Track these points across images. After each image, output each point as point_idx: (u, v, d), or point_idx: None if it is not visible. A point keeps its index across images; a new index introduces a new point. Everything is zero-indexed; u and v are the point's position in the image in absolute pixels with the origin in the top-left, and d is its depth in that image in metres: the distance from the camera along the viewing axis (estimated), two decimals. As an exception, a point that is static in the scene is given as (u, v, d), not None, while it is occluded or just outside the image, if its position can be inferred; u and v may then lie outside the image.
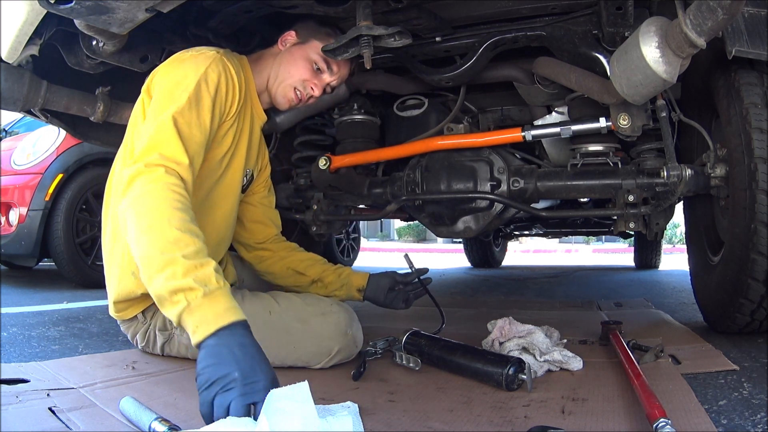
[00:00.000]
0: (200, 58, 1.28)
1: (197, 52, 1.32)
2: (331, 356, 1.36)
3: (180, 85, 1.22)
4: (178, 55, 1.33)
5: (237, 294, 1.42)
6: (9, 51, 1.46)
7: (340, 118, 2.18)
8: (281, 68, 1.49)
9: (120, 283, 1.34)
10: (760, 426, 0.98)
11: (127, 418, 0.96)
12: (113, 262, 1.36)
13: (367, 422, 0.98)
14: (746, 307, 1.60)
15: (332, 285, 1.65)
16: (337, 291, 1.65)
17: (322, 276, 1.66)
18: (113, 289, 1.37)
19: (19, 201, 3.38)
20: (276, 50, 1.54)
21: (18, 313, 2.38)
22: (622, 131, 1.64)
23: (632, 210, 1.77)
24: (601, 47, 1.56)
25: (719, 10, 1.08)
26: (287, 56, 1.50)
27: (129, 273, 1.32)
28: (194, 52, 1.31)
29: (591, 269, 6.27)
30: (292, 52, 1.51)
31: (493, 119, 2.25)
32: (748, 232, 1.52)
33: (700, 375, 1.31)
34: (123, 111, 1.88)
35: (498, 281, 4.51)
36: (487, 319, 1.54)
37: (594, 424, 0.98)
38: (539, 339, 1.38)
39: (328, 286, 1.65)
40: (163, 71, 1.29)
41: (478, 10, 1.61)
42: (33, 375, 1.23)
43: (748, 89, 1.52)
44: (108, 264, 1.39)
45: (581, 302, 2.80)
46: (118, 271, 1.34)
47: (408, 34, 1.47)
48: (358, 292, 1.67)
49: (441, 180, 1.99)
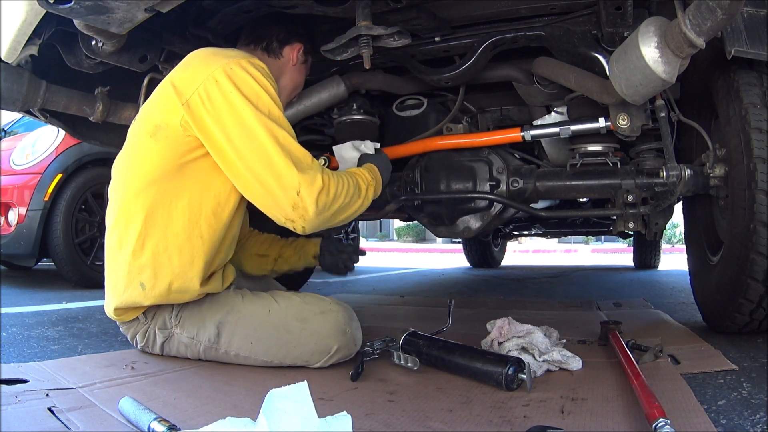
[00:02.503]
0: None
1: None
2: (330, 355, 1.37)
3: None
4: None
5: (237, 294, 1.43)
6: (8, 51, 1.46)
7: (339, 118, 2.17)
8: (289, 80, 1.63)
9: (125, 293, 1.34)
10: (759, 426, 0.98)
11: (126, 418, 0.96)
12: (118, 269, 1.35)
13: (367, 422, 0.98)
14: (745, 307, 1.61)
15: (291, 258, 1.82)
16: (296, 263, 1.82)
17: (281, 253, 1.83)
18: (116, 297, 1.37)
19: (19, 201, 3.37)
20: (284, 61, 1.59)
21: (17, 313, 2.38)
22: (621, 131, 1.64)
23: (631, 210, 1.77)
24: (600, 47, 1.56)
25: (718, 10, 1.08)
26: (296, 72, 1.64)
27: (137, 284, 1.32)
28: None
29: (590, 269, 6.28)
30: (300, 69, 1.65)
31: (492, 119, 2.25)
32: (747, 232, 1.52)
33: (700, 375, 1.31)
34: (122, 111, 1.88)
35: (497, 281, 4.51)
36: (486, 319, 1.54)
37: (593, 424, 0.98)
38: (538, 339, 1.38)
39: (288, 260, 1.81)
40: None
41: (478, 10, 1.61)
42: (32, 375, 1.23)
43: (747, 89, 1.52)
44: (112, 270, 1.38)
45: (580, 302, 2.80)
46: (124, 280, 1.34)
47: (407, 34, 1.47)
48: (314, 258, 1.84)
49: (440, 180, 1.99)
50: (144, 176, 1.32)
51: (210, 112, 1.27)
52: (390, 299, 3.08)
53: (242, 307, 1.39)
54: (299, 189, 1.26)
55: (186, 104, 1.28)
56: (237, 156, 1.27)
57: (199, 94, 1.28)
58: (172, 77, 1.34)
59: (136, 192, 1.32)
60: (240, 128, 1.26)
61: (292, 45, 1.60)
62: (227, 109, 1.26)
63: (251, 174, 1.27)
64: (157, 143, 1.31)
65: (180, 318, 1.38)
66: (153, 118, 1.33)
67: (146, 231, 1.31)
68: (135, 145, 1.38)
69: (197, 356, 1.41)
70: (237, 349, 1.37)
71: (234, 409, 1.05)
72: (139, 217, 1.31)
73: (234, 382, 1.25)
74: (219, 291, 1.40)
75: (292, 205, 1.27)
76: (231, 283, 1.47)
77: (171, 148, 1.31)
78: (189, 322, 1.38)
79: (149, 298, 1.33)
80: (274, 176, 1.26)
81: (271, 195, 1.27)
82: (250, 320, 1.37)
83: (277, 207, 1.28)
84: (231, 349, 1.37)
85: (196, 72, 1.31)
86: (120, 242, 1.35)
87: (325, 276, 4.83)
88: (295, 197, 1.26)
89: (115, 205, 1.37)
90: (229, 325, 1.37)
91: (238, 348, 1.37)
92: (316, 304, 1.42)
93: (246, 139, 1.26)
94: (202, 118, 1.27)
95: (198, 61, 1.34)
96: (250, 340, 1.36)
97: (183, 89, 1.30)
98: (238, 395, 1.15)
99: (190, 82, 1.30)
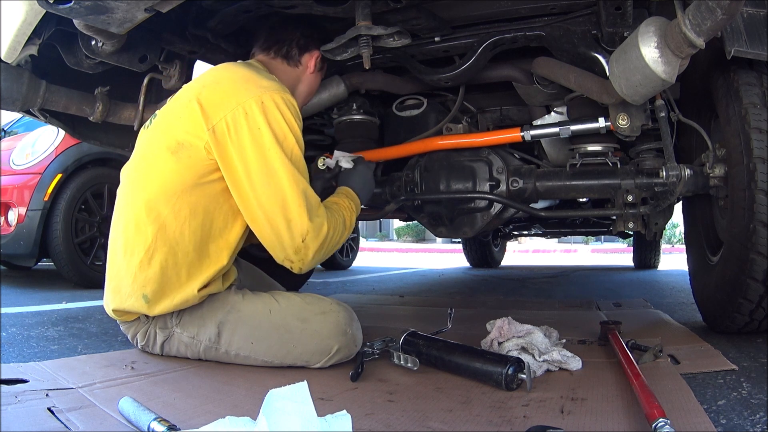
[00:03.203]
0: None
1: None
2: (330, 355, 1.37)
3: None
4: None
5: (237, 293, 1.42)
6: (8, 51, 1.46)
7: (339, 118, 2.17)
8: (305, 87, 1.64)
9: (127, 300, 1.35)
10: (759, 426, 0.98)
11: (126, 418, 0.95)
12: (122, 275, 1.35)
13: (366, 422, 0.98)
14: (745, 306, 1.60)
15: None
16: None
17: None
18: (116, 301, 1.37)
19: (18, 201, 3.37)
20: (301, 69, 1.60)
21: (17, 313, 2.38)
22: (621, 131, 1.64)
23: (631, 210, 1.77)
24: (600, 47, 1.56)
25: (718, 10, 1.08)
26: (313, 80, 1.65)
27: (140, 295, 1.33)
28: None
29: (590, 269, 6.28)
30: (317, 76, 1.66)
31: (492, 119, 2.25)
32: (747, 232, 1.52)
33: (699, 375, 1.31)
34: (122, 111, 1.88)
35: (497, 281, 4.51)
36: (486, 319, 1.54)
37: (593, 423, 0.98)
38: (538, 339, 1.38)
39: None
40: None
41: (477, 10, 1.61)
42: (32, 375, 1.23)
43: (747, 89, 1.52)
44: (115, 272, 1.38)
45: (580, 302, 2.80)
46: (128, 288, 1.34)
47: (407, 34, 1.47)
48: None
49: (440, 180, 1.99)
50: (159, 190, 1.32)
51: (234, 142, 1.28)
52: (390, 299, 3.08)
53: (243, 306, 1.39)
54: (305, 236, 1.30)
55: (212, 129, 1.28)
56: (252, 191, 1.28)
57: (227, 122, 1.28)
58: (200, 95, 1.33)
59: (149, 204, 1.32)
60: (261, 165, 1.28)
61: (311, 52, 1.60)
62: (251, 144, 1.27)
63: (262, 212, 1.29)
64: (177, 162, 1.31)
65: (180, 317, 1.38)
66: (175, 134, 1.32)
67: (156, 245, 1.31)
68: (153, 157, 1.36)
69: (197, 356, 1.40)
70: (237, 349, 1.37)
71: (234, 409, 1.05)
72: (149, 230, 1.31)
73: (234, 382, 1.25)
74: (220, 291, 1.41)
75: (294, 250, 1.31)
76: (232, 283, 1.47)
77: (191, 167, 1.31)
78: (189, 321, 1.38)
79: (151, 311, 1.34)
80: (284, 219, 1.28)
81: (278, 236, 1.30)
82: (251, 320, 1.37)
83: (281, 248, 1.31)
84: (231, 348, 1.37)
85: (226, 97, 1.30)
86: (127, 249, 1.34)
87: (325, 276, 4.84)
88: (300, 243, 1.30)
89: (125, 211, 1.37)
90: (229, 324, 1.37)
91: (238, 348, 1.37)
92: (316, 304, 1.42)
93: (265, 177, 1.28)
94: (225, 147, 1.28)
95: (229, 84, 1.34)
96: (250, 340, 1.36)
97: (210, 112, 1.30)
98: (237, 395, 1.15)
99: (218, 107, 1.30)
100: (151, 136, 1.41)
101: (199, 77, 1.46)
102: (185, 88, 1.43)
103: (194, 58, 1.88)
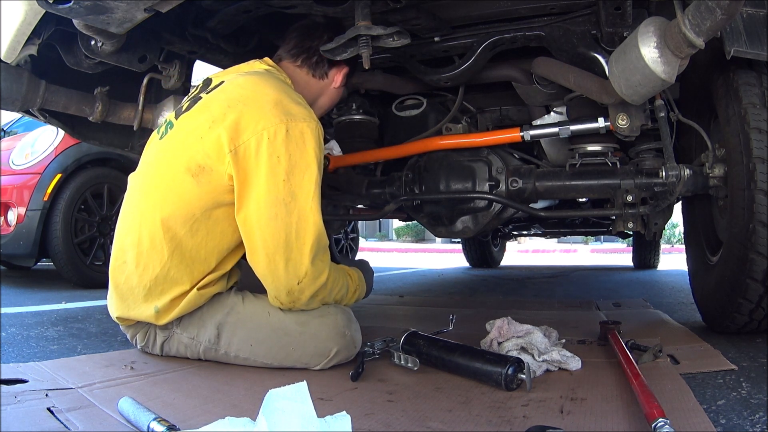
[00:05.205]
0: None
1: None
2: (330, 357, 1.36)
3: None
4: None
5: (238, 295, 1.42)
6: (7, 51, 1.46)
7: (338, 118, 2.18)
8: (327, 100, 1.63)
9: (137, 309, 1.35)
10: (758, 426, 0.98)
11: (125, 418, 0.95)
12: (132, 285, 1.34)
13: (366, 422, 0.98)
14: (745, 306, 1.61)
15: None
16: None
17: None
18: (123, 309, 1.37)
19: (18, 201, 3.37)
20: (327, 82, 1.58)
21: (16, 313, 2.38)
22: (620, 131, 1.64)
23: (631, 210, 1.77)
24: (599, 47, 1.56)
25: (718, 10, 1.08)
26: (335, 94, 1.64)
27: (152, 306, 1.33)
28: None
29: (589, 269, 6.28)
30: (340, 91, 1.65)
31: (491, 119, 2.25)
32: (746, 232, 1.52)
33: (699, 375, 1.31)
34: (121, 111, 1.88)
35: (496, 281, 4.51)
36: (485, 319, 1.54)
37: (593, 423, 0.98)
38: (538, 339, 1.38)
39: None
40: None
41: (477, 10, 1.61)
42: (31, 375, 1.23)
43: (746, 89, 1.52)
44: (124, 281, 1.36)
45: (580, 302, 2.80)
46: (140, 299, 1.34)
47: (406, 34, 1.47)
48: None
49: (439, 180, 1.99)
50: (178, 212, 1.30)
51: (254, 167, 1.25)
52: (389, 299, 3.08)
53: (242, 308, 1.39)
54: (302, 279, 1.27)
55: (234, 151, 1.26)
56: (257, 221, 1.26)
57: (250, 146, 1.25)
58: (225, 117, 1.27)
59: (166, 223, 1.30)
60: (274, 197, 1.25)
61: (339, 67, 1.58)
62: (269, 172, 1.25)
63: (263, 245, 1.27)
64: (198, 185, 1.28)
65: (181, 318, 1.38)
66: (196, 155, 1.29)
67: (171, 263, 1.30)
68: (171, 177, 1.32)
69: (197, 356, 1.40)
70: (237, 351, 1.37)
71: (233, 409, 1.05)
72: (165, 249, 1.30)
73: (233, 382, 1.25)
74: (223, 290, 1.41)
75: (287, 291, 1.29)
76: (234, 284, 1.47)
77: (210, 192, 1.29)
78: (190, 322, 1.38)
79: (159, 321, 1.35)
80: (284, 258, 1.26)
81: (273, 273, 1.28)
82: (250, 322, 1.37)
83: (273, 285, 1.30)
84: (231, 350, 1.37)
85: (253, 121, 1.26)
86: (140, 263, 1.32)
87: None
88: (294, 285, 1.28)
89: (138, 224, 1.34)
90: (228, 326, 1.37)
91: (237, 349, 1.37)
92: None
93: (273, 209, 1.25)
94: (244, 170, 1.26)
95: (256, 108, 1.28)
96: (249, 342, 1.36)
97: (234, 135, 1.26)
98: (237, 395, 1.15)
99: (243, 128, 1.26)
100: (167, 149, 1.37)
101: (226, 88, 1.36)
102: (208, 100, 1.35)
103: (194, 58, 1.88)
